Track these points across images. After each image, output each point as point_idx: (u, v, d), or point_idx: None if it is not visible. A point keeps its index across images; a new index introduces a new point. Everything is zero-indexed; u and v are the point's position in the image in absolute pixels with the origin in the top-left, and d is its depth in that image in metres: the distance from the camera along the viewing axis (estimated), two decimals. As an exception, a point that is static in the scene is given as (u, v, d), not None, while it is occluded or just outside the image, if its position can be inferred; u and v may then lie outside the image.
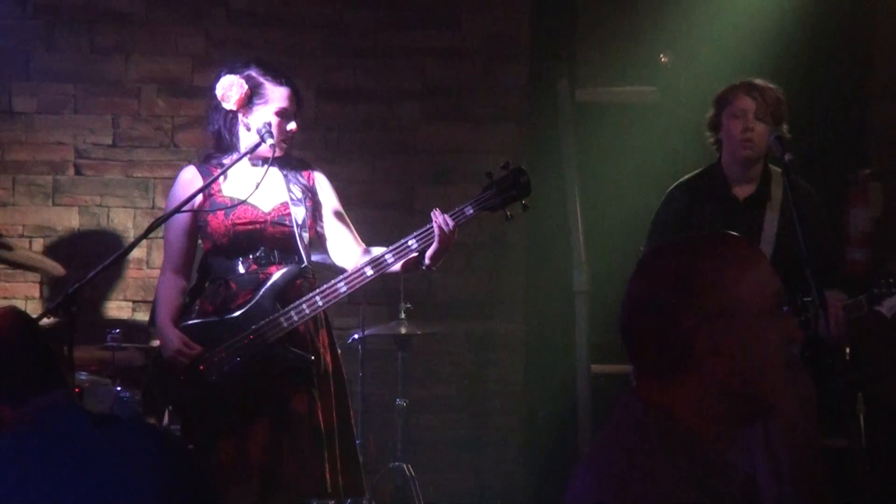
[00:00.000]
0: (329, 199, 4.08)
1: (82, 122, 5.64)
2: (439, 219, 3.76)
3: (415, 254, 3.81)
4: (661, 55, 6.15)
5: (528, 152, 5.87)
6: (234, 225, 3.85)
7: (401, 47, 5.78)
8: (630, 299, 1.79)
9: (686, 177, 4.37)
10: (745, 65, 4.75)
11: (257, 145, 3.85)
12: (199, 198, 3.85)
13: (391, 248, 3.83)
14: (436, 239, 3.76)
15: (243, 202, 3.86)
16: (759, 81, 4.19)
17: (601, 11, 6.19)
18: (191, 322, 3.84)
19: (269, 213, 3.90)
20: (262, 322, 3.77)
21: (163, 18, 5.67)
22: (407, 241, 3.80)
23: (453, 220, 3.78)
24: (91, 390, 4.83)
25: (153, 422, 3.97)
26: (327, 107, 5.75)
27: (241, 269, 3.86)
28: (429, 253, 3.79)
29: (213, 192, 3.86)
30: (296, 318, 3.79)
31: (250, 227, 3.87)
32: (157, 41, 5.66)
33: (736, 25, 5.79)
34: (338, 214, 4.08)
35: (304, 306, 3.79)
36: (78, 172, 5.64)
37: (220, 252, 3.87)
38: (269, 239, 3.89)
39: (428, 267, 3.84)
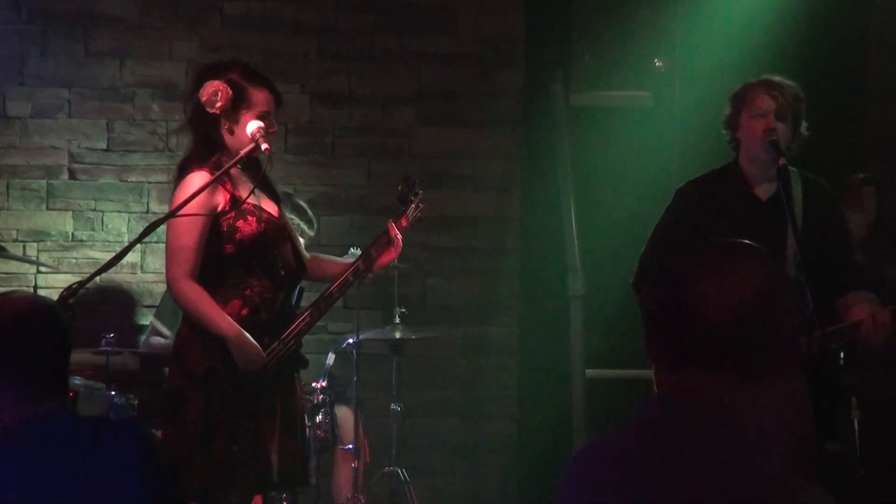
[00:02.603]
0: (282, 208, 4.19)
1: (77, 127, 5.64)
2: (395, 230, 4.16)
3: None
4: (656, 60, 6.16)
5: (523, 156, 5.88)
6: (265, 230, 3.90)
7: (396, 52, 5.79)
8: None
9: (699, 176, 4.23)
10: (739, 69, 4.76)
11: (253, 149, 3.86)
12: (222, 204, 3.83)
13: (362, 256, 4.15)
14: (395, 249, 4.16)
15: (263, 207, 3.93)
16: (777, 79, 4.05)
17: (596, 16, 6.20)
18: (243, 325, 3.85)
19: (279, 218, 3.99)
20: (293, 325, 3.91)
21: (157, 23, 5.67)
22: (370, 251, 4.15)
23: (400, 232, 4.20)
24: (85, 395, 4.82)
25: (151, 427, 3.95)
26: (322, 111, 5.75)
27: (261, 273, 3.91)
28: (383, 260, 4.16)
29: (237, 198, 3.86)
30: (310, 321, 3.96)
31: (272, 231, 3.93)
32: (151, 46, 5.66)
33: (730, 30, 5.80)
34: (290, 223, 4.21)
35: (314, 311, 3.96)
36: (72, 177, 5.64)
37: (240, 257, 3.88)
38: (280, 242, 4.00)
39: (375, 272, 4.22)
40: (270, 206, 3.99)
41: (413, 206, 4.29)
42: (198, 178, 3.85)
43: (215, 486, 3.75)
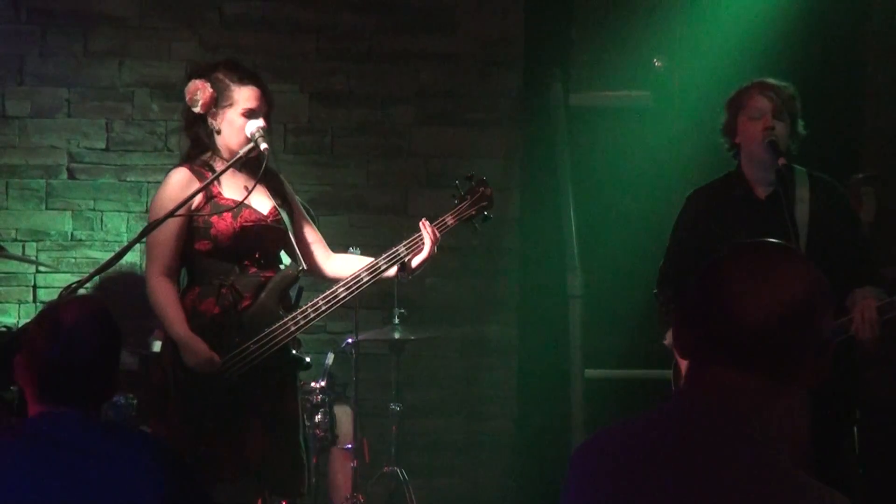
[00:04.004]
0: (298, 205, 4.16)
1: (76, 127, 5.64)
2: (428, 228, 3.97)
3: (403, 261, 3.98)
4: (655, 60, 6.16)
5: (522, 156, 5.88)
6: (242, 227, 3.86)
7: (395, 51, 5.78)
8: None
9: (707, 183, 4.27)
10: (738, 69, 4.76)
11: (251, 149, 3.86)
12: (198, 200, 3.83)
13: (384, 255, 3.97)
14: (427, 248, 3.96)
15: (246, 205, 3.89)
16: (770, 80, 4.07)
17: (595, 16, 6.20)
18: (204, 324, 3.82)
19: (268, 216, 3.94)
20: (275, 325, 3.84)
21: (156, 23, 5.67)
22: (398, 249, 3.97)
23: (438, 230, 4.00)
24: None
25: (147, 428, 3.95)
26: (321, 111, 5.75)
27: (242, 272, 3.89)
28: (416, 261, 3.98)
29: (214, 194, 3.86)
30: (302, 322, 3.89)
31: (255, 230, 3.89)
32: (150, 46, 5.66)
33: (729, 30, 5.80)
34: (307, 221, 4.16)
35: (310, 310, 3.89)
36: (71, 176, 5.64)
37: (219, 254, 3.87)
38: (270, 241, 3.96)
39: (410, 273, 4.01)
40: (264, 205, 3.95)
41: (467, 203, 4.10)
42: (176, 175, 3.90)
43: None
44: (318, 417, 4.84)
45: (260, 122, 3.87)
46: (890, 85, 5.89)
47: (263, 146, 3.83)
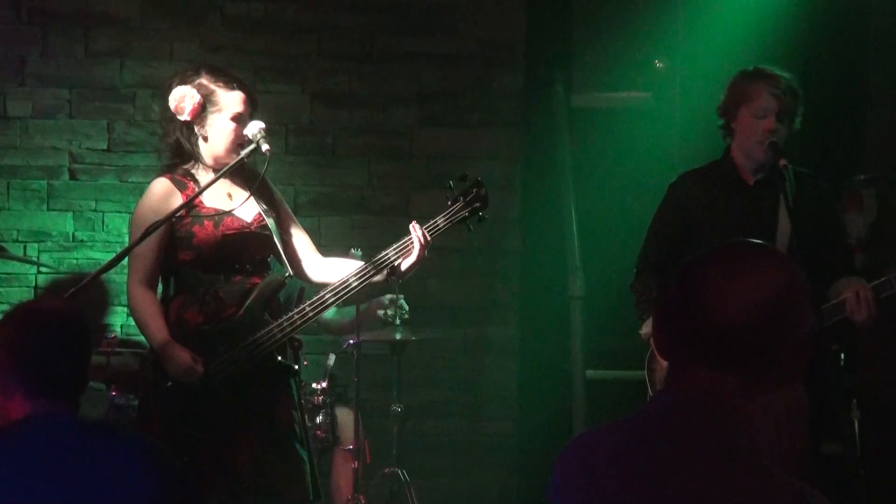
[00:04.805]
0: (286, 209, 4.12)
1: (77, 127, 5.64)
2: (418, 232, 3.89)
3: (393, 265, 3.92)
4: (656, 61, 6.16)
5: (524, 157, 5.88)
6: (224, 235, 3.83)
7: (396, 52, 5.79)
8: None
9: (690, 169, 4.25)
10: (739, 70, 4.75)
11: (253, 150, 3.85)
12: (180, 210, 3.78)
13: (374, 260, 3.91)
14: (416, 252, 3.88)
15: (229, 213, 3.86)
16: (777, 73, 4.04)
17: (597, 17, 6.20)
18: (187, 333, 3.78)
19: (252, 224, 3.91)
20: (259, 332, 3.79)
21: (158, 24, 5.67)
22: (387, 253, 3.91)
23: (429, 233, 3.91)
24: (86, 395, 4.80)
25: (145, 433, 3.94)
26: (323, 112, 5.75)
27: (227, 280, 3.85)
28: (406, 265, 3.91)
29: (195, 203, 3.82)
30: (288, 328, 3.83)
31: (238, 237, 3.85)
32: (152, 46, 5.66)
33: (730, 31, 5.80)
34: (296, 225, 4.12)
35: (296, 316, 3.84)
36: (73, 177, 5.64)
37: (203, 263, 3.83)
38: (255, 249, 3.92)
39: (401, 277, 3.94)
40: (249, 212, 3.91)
41: (460, 204, 4.01)
42: (157, 185, 3.88)
43: None
44: (319, 418, 4.84)
45: (261, 123, 3.84)
46: (891, 85, 5.89)
47: (265, 147, 3.81)
